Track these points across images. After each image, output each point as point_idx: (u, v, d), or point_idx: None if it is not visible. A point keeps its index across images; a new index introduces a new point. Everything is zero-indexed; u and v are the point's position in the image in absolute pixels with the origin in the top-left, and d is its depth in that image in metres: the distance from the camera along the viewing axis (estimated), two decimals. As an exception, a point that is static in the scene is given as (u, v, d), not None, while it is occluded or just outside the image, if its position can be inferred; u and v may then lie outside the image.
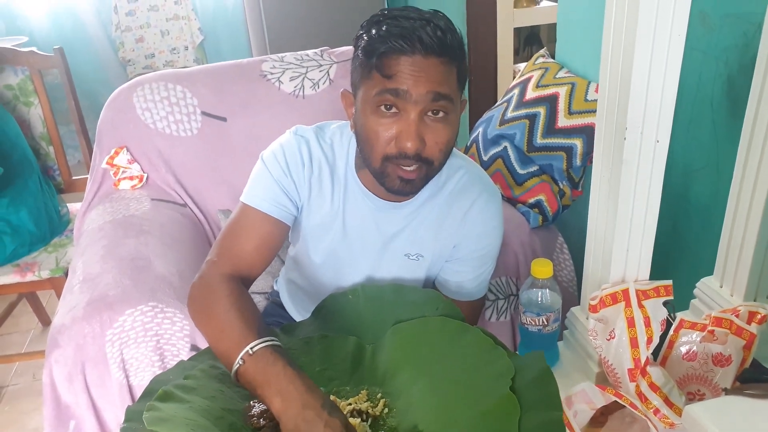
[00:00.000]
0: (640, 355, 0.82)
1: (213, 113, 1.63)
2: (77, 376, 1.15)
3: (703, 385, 0.88)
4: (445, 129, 0.88)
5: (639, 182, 0.79)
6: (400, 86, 0.83)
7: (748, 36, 1.10)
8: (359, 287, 0.98)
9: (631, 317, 0.83)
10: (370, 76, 0.86)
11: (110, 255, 1.30)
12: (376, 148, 0.89)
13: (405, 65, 0.83)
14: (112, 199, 1.56)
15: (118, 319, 1.15)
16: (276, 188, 0.99)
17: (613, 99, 0.77)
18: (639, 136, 0.76)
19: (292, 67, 1.69)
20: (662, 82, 0.73)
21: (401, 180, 0.90)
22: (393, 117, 0.86)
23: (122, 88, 1.64)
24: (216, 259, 0.96)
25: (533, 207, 1.36)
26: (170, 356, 1.19)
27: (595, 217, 0.88)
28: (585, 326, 0.95)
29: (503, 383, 0.73)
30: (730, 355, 0.87)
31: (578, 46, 1.40)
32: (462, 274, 1.07)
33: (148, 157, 1.61)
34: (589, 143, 1.28)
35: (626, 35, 0.72)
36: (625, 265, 0.86)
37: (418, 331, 0.87)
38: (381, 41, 0.84)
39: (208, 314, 0.88)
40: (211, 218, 1.65)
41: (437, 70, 0.84)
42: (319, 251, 1.07)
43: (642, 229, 0.83)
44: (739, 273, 0.95)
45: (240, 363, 0.78)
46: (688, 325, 0.91)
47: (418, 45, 0.82)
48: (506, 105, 1.48)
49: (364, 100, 0.88)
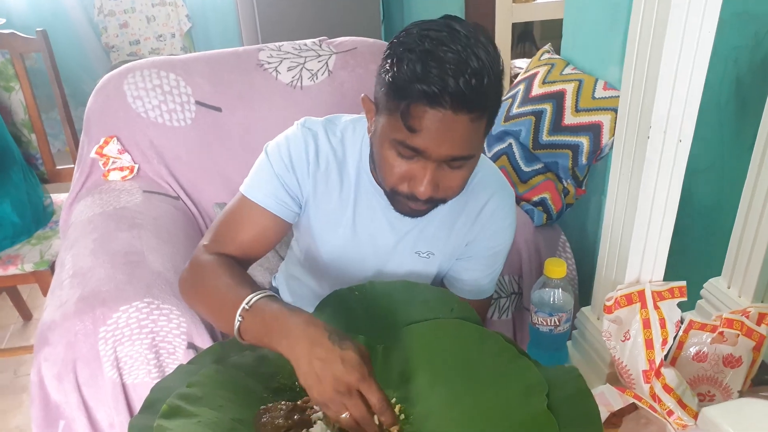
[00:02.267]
0: (655, 357, 0.81)
1: (208, 103, 1.58)
2: (68, 375, 1.11)
3: (713, 386, 0.88)
4: (461, 175, 0.84)
5: (660, 182, 0.78)
6: (420, 146, 0.78)
7: (759, 36, 1.10)
8: (367, 284, 0.95)
9: (646, 318, 0.82)
10: (393, 116, 0.79)
11: (102, 249, 1.25)
12: (388, 180, 0.86)
13: (431, 121, 0.76)
14: (101, 191, 1.51)
15: (112, 315, 1.10)
16: (277, 184, 0.96)
17: (638, 97, 0.75)
18: (662, 135, 0.74)
19: (290, 56, 1.65)
20: (689, 80, 0.71)
21: (410, 209, 0.89)
22: (409, 159, 0.82)
23: (112, 74, 1.58)
24: (208, 244, 0.95)
25: (537, 205, 1.35)
26: (166, 354, 1.15)
27: (611, 216, 0.86)
28: (596, 327, 0.93)
29: (537, 399, 0.69)
30: (740, 356, 0.87)
31: (586, 42, 1.38)
32: (473, 272, 1.05)
33: (140, 148, 1.56)
34: (595, 141, 1.26)
35: (655, 32, 0.70)
36: (640, 265, 0.85)
37: (433, 333, 0.84)
38: (410, 84, 0.75)
39: (199, 289, 0.89)
40: (204, 212, 1.61)
41: (464, 129, 0.77)
42: (326, 247, 1.04)
43: (659, 229, 0.82)
44: (748, 274, 0.94)
45: (239, 320, 0.77)
46: (698, 326, 0.91)
47: (449, 98, 0.74)
48: (511, 101, 1.46)
49: (384, 133, 0.83)
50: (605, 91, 1.29)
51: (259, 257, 1.00)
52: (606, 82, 1.30)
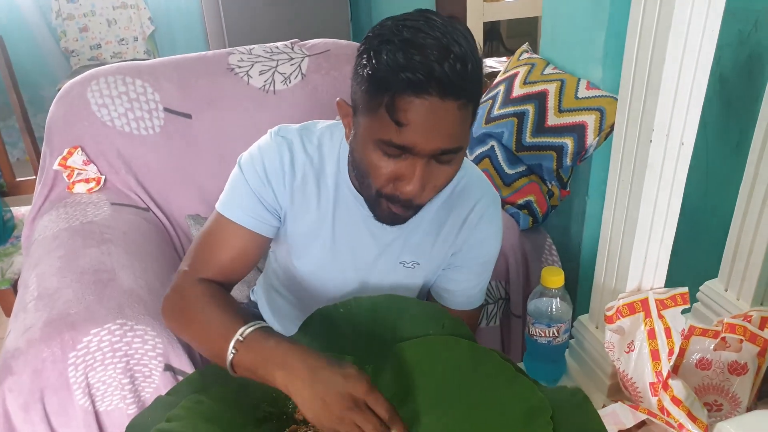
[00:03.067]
0: (662, 368, 0.78)
1: (177, 110, 1.51)
2: (35, 405, 1.03)
3: (720, 395, 0.85)
4: (448, 172, 0.80)
5: (662, 187, 0.75)
6: (409, 142, 0.74)
7: (744, 34, 1.08)
8: (352, 300, 0.90)
9: (651, 328, 0.79)
10: (378, 113, 0.74)
11: (69, 267, 1.18)
12: (373, 183, 0.81)
13: (418, 113, 0.72)
14: (66, 204, 1.42)
15: (82, 339, 1.03)
16: (254, 199, 0.91)
17: (638, 101, 0.72)
18: (665, 139, 0.72)
19: (262, 60, 1.60)
20: (692, 80, 0.69)
21: (391, 214, 0.84)
22: (397, 158, 0.77)
23: (74, 81, 1.50)
24: (189, 269, 0.90)
25: (522, 208, 1.32)
26: (141, 378, 1.09)
27: (609, 223, 0.83)
28: (595, 336, 0.91)
29: (540, 423, 0.66)
30: (745, 363, 0.84)
31: (566, 42, 1.36)
32: (462, 282, 1.01)
33: (106, 158, 1.49)
34: (580, 142, 1.24)
35: (657, 34, 0.67)
36: (642, 273, 0.82)
37: (425, 352, 0.80)
38: (393, 74, 0.71)
39: (186, 318, 0.85)
40: (176, 223, 1.54)
41: (453, 117, 0.74)
42: (305, 260, 0.99)
43: (661, 235, 0.79)
44: (747, 277, 0.93)
45: (233, 353, 0.75)
46: (699, 331, 0.88)
47: (435, 84, 0.70)
48: (491, 102, 1.43)
49: (367, 134, 0.78)
50: (588, 90, 1.27)
51: (242, 277, 0.95)
52: (589, 81, 1.28)
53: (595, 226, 1.38)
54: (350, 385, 0.68)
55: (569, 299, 0.88)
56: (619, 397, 0.86)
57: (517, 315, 1.37)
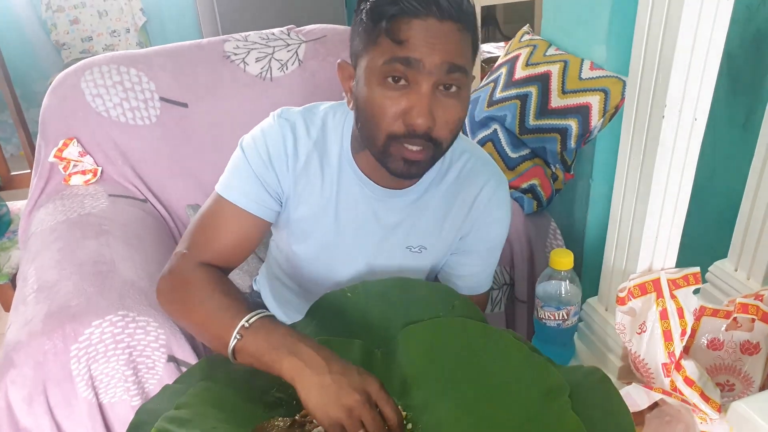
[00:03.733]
0: (675, 349, 0.77)
1: (173, 99, 1.49)
2: (38, 398, 1.02)
3: (732, 375, 0.85)
4: (457, 106, 0.79)
5: (674, 164, 0.74)
6: (413, 54, 0.74)
7: (752, 9, 1.07)
8: (360, 284, 0.89)
9: (663, 309, 0.78)
10: (377, 42, 0.76)
11: (68, 259, 1.16)
12: (381, 125, 0.79)
13: (419, 30, 0.73)
14: (63, 196, 1.40)
15: (84, 331, 1.02)
16: (256, 182, 0.89)
17: (649, 77, 0.70)
18: (678, 115, 0.70)
19: (258, 47, 1.57)
20: (706, 54, 0.67)
21: (406, 162, 0.81)
22: (402, 89, 0.76)
23: (68, 72, 1.47)
24: (187, 252, 0.88)
25: (527, 192, 1.30)
26: (145, 369, 1.07)
27: (619, 202, 0.82)
28: (605, 319, 0.90)
29: (560, 403, 0.64)
30: (758, 342, 0.84)
31: (568, 22, 1.33)
32: (470, 267, 1.00)
33: (102, 149, 1.46)
34: (584, 124, 1.22)
35: (670, 7, 0.65)
36: (653, 253, 0.81)
37: (436, 334, 0.79)
38: (391, 2, 0.74)
39: (188, 305, 0.83)
40: (175, 214, 1.52)
41: (453, 38, 0.75)
42: (309, 245, 0.97)
43: (673, 214, 0.78)
44: (757, 256, 0.92)
45: (237, 338, 0.74)
46: (710, 312, 0.88)
47: (433, 8, 0.73)
48: (493, 85, 1.41)
49: (369, 69, 0.78)
50: (592, 71, 1.25)
51: (241, 262, 0.94)
52: (592, 62, 1.26)
53: (600, 209, 1.37)
54: (365, 381, 0.68)
55: (578, 281, 0.87)
56: (629, 379, 0.85)
57: (521, 300, 1.36)
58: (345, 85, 0.85)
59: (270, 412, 0.75)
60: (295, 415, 0.74)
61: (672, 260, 0.82)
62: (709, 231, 1.27)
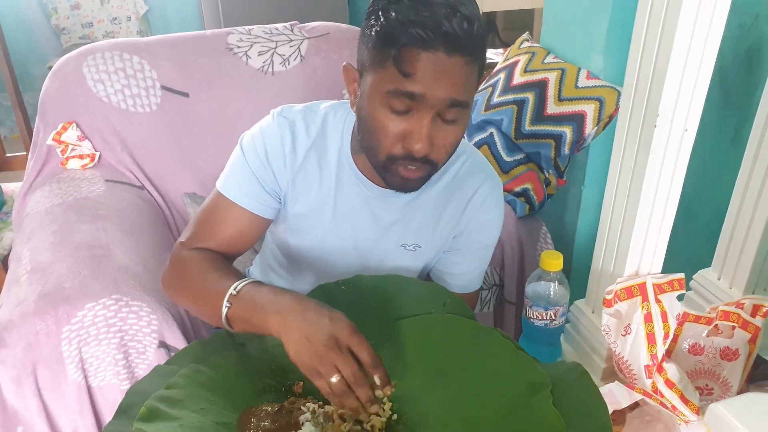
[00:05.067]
0: (657, 351, 0.79)
1: (174, 88, 1.50)
2: (27, 378, 1.03)
3: (711, 379, 0.87)
4: (455, 132, 0.81)
5: (664, 172, 0.76)
6: (417, 90, 0.75)
7: (745, 27, 1.10)
8: (355, 278, 0.90)
9: (648, 312, 0.80)
10: (385, 66, 0.76)
11: (63, 242, 1.17)
12: (381, 144, 0.81)
13: (426, 64, 0.73)
14: (59, 180, 1.41)
15: (77, 314, 1.03)
16: (254, 181, 0.91)
17: (644, 86, 0.73)
18: (669, 125, 0.72)
19: (261, 41, 1.58)
20: (698, 67, 0.69)
21: (403, 179, 0.84)
22: (404, 115, 0.78)
23: (70, 56, 1.48)
24: (186, 242, 0.91)
25: (519, 196, 1.33)
26: (135, 354, 1.08)
27: (610, 207, 0.84)
28: (591, 320, 0.92)
29: (541, 397, 0.66)
30: (737, 349, 0.86)
31: (567, 31, 1.36)
32: (462, 265, 1.02)
33: (101, 134, 1.47)
34: (578, 131, 1.25)
35: (666, 19, 0.68)
36: (640, 257, 0.83)
37: (427, 329, 0.80)
38: (402, 29, 0.73)
39: (185, 283, 0.86)
40: (171, 202, 1.53)
41: (460, 72, 0.75)
42: (305, 240, 0.99)
43: (661, 220, 0.80)
44: (740, 266, 0.94)
45: (228, 306, 0.76)
46: (692, 318, 0.90)
47: (442, 40, 0.72)
48: (491, 89, 1.43)
49: (374, 90, 0.79)
50: (588, 80, 1.27)
51: (240, 254, 0.96)
52: (589, 71, 1.29)
53: (591, 215, 1.39)
54: (335, 326, 0.69)
55: (567, 283, 0.89)
56: (613, 380, 0.87)
57: (510, 301, 1.38)
58: (349, 87, 0.86)
59: (260, 397, 0.76)
60: (283, 401, 0.76)
61: (658, 266, 0.85)
62: (696, 241, 1.30)
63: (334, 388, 0.66)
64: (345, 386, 0.66)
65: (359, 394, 0.67)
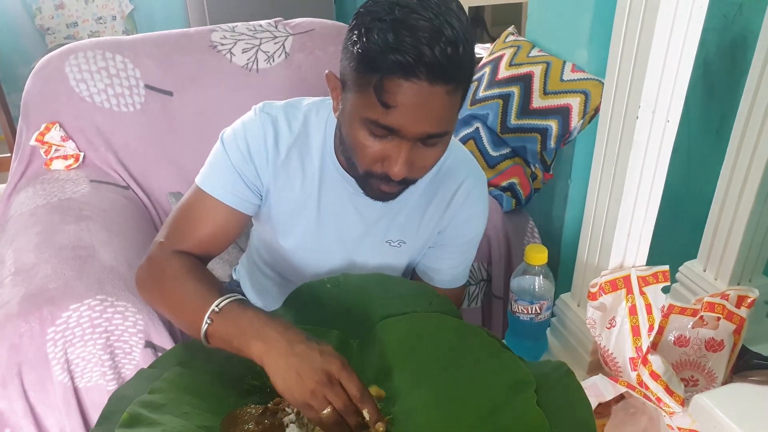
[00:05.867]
0: (642, 344, 0.79)
1: (158, 87, 1.49)
2: (12, 380, 1.02)
3: (696, 371, 0.87)
4: (435, 154, 0.80)
5: (647, 164, 0.76)
6: (395, 125, 0.73)
7: (728, 18, 1.10)
8: (341, 276, 0.90)
9: (632, 305, 0.80)
10: (366, 92, 0.74)
11: (47, 243, 1.16)
12: (361, 162, 0.81)
13: (407, 96, 0.71)
14: (43, 181, 1.40)
15: (62, 315, 1.02)
16: (235, 176, 0.90)
17: (626, 77, 0.72)
18: (651, 116, 0.72)
19: (245, 38, 1.57)
20: (679, 57, 0.69)
21: (381, 192, 0.84)
22: (383, 139, 0.77)
23: (52, 55, 1.47)
24: (165, 241, 0.89)
25: (506, 190, 1.32)
26: (122, 354, 1.07)
27: (593, 200, 0.84)
28: (577, 314, 0.92)
29: (525, 396, 0.66)
30: (722, 340, 0.86)
31: (552, 24, 1.36)
32: (447, 260, 1.02)
33: (85, 134, 1.46)
34: (564, 125, 1.25)
35: (646, 9, 0.67)
36: (624, 250, 0.83)
37: (412, 327, 0.80)
38: (382, 56, 0.70)
39: (162, 289, 0.85)
40: (157, 202, 1.52)
41: (441, 103, 0.73)
42: (289, 238, 0.99)
43: (645, 212, 0.80)
44: (725, 258, 0.94)
45: (208, 323, 0.74)
46: (678, 310, 0.90)
47: (425, 69, 0.69)
48: (477, 84, 1.43)
49: (354, 111, 0.77)
50: (573, 73, 1.27)
51: (220, 252, 0.95)
52: (574, 64, 1.29)
53: (578, 209, 1.40)
54: (326, 361, 0.68)
55: (552, 277, 0.89)
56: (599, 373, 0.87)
57: (498, 296, 1.38)
58: (332, 93, 0.84)
59: (243, 399, 0.75)
60: (268, 402, 0.75)
61: (643, 258, 0.85)
62: (682, 234, 1.31)
63: (325, 420, 0.67)
64: (337, 416, 0.67)
65: (351, 423, 0.68)
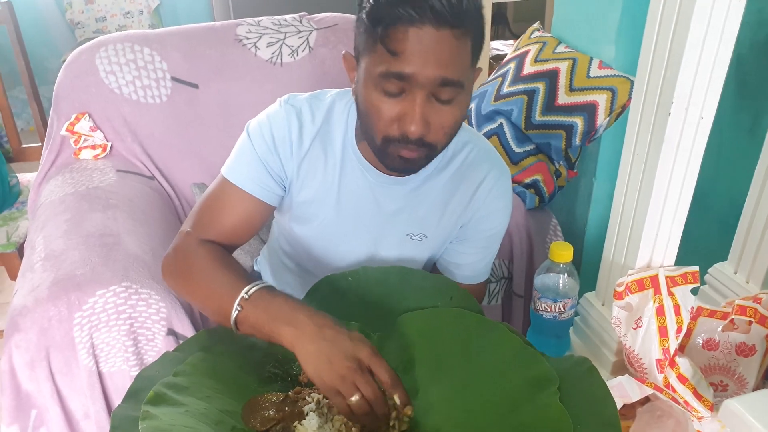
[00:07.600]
0: (670, 345, 0.78)
1: (184, 79, 1.50)
2: (40, 363, 1.04)
3: (726, 375, 0.85)
4: (452, 112, 0.80)
5: (678, 162, 0.74)
6: (406, 69, 0.74)
7: (764, 13, 1.07)
8: (361, 269, 0.90)
9: (660, 305, 0.79)
10: (375, 48, 0.76)
11: (75, 230, 1.18)
12: (377, 127, 0.81)
13: (413, 41, 0.72)
14: (72, 170, 1.42)
15: (88, 300, 1.03)
16: (260, 167, 0.91)
17: (658, 72, 0.71)
18: (684, 113, 0.71)
19: (270, 32, 1.58)
20: (715, 53, 0.68)
21: (402, 159, 0.83)
22: (397, 97, 0.78)
23: (83, 48, 1.49)
24: (191, 231, 0.91)
25: (529, 187, 1.31)
26: (144, 341, 1.09)
27: (622, 198, 0.83)
28: (601, 313, 0.90)
29: (548, 393, 0.65)
30: (754, 344, 0.84)
31: (579, 20, 1.34)
32: (469, 255, 1.01)
33: (113, 125, 1.48)
34: (590, 122, 1.23)
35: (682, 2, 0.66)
36: (653, 249, 0.81)
37: (433, 322, 0.79)
38: (387, 7, 0.73)
39: (190, 278, 0.86)
40: (181, 192, 1.53)
41: (449, 46, 0.74)
42: (310, 228, 0.99)
43: (675, 211, 0.79)
44: (758, 260, 0.92)
45: (238, 309, 0.76)
46: (707, 312, 0.88)
47: (429, 14, 0.71)
48: (501, 79, 1.41)
49: (368, 74, 0.79)
50: (600, 69, 1.25)
51: (244, 242, 0.96)
52: (601, 60, 1.27)
53: (602, 208, 1.37)
54: (356, 347, 0.69)
55: (576, 275, 0.88)
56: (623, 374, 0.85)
57: (519, 294, 1.37)
58: (349, 75, 0.86)
59: (264, 387, 0.76)
60: (288, 391, 0.75)
61: (671, 258, 0.83)
62: (710, 234, 1.28)
63: (354, 408, 0.67)
64: (366, 405, 0.67)
65: (379, 412, 0.68)
